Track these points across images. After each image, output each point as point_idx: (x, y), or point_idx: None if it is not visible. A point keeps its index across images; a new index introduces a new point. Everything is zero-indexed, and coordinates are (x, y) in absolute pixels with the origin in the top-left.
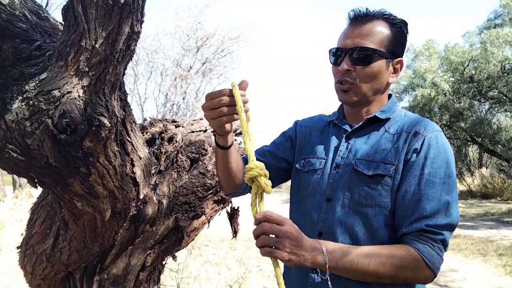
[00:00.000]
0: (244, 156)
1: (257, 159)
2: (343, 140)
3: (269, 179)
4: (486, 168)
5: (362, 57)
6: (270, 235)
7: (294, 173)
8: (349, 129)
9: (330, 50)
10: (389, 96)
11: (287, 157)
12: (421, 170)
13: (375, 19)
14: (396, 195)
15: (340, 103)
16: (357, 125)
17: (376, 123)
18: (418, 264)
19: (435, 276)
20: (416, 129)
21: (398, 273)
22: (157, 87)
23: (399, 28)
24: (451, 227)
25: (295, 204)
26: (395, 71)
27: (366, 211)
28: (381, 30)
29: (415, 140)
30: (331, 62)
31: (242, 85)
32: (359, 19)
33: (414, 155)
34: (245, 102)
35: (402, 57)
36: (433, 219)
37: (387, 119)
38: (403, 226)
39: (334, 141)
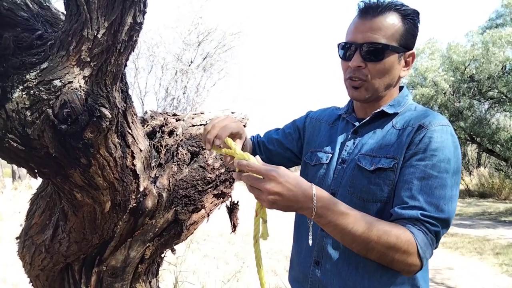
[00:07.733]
0: (253, 137)
1: (265, 146)
2: (350, 135)
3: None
4: (485, 167)
5: (373, 53)
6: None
7: (302, 166)
8: (357, 124)
9: (339, 44)
10: (401, 88)
11: (293, 148)
12: (419, 162)
13: (386, 11)
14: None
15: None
16: (364, 120)
17: (384, 117)
18: (410, 248)
19: (421, 268)
20: (421, 123)
21: (387, 251)
22: (157, 81)
23: (411, 20)
24: (445, 223)
25: None
26: (407, 64)
27: (369, 207)
28: (393, 22)
29: (417, 134)
30: (340, 57)
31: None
32: (370, 11)
33: (414, 147)
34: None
35: (413, 49)
36: (427, 211)
37: (395, 114)
38: (396, 207)
39: (341, 135)
